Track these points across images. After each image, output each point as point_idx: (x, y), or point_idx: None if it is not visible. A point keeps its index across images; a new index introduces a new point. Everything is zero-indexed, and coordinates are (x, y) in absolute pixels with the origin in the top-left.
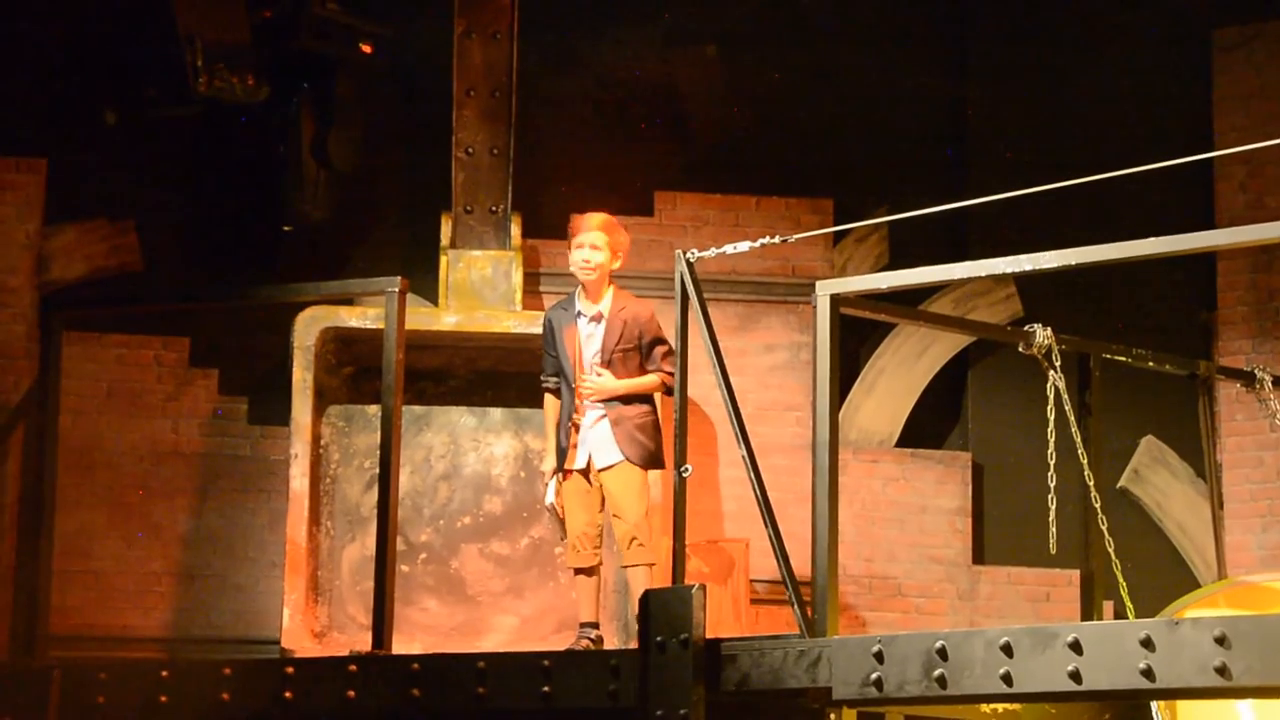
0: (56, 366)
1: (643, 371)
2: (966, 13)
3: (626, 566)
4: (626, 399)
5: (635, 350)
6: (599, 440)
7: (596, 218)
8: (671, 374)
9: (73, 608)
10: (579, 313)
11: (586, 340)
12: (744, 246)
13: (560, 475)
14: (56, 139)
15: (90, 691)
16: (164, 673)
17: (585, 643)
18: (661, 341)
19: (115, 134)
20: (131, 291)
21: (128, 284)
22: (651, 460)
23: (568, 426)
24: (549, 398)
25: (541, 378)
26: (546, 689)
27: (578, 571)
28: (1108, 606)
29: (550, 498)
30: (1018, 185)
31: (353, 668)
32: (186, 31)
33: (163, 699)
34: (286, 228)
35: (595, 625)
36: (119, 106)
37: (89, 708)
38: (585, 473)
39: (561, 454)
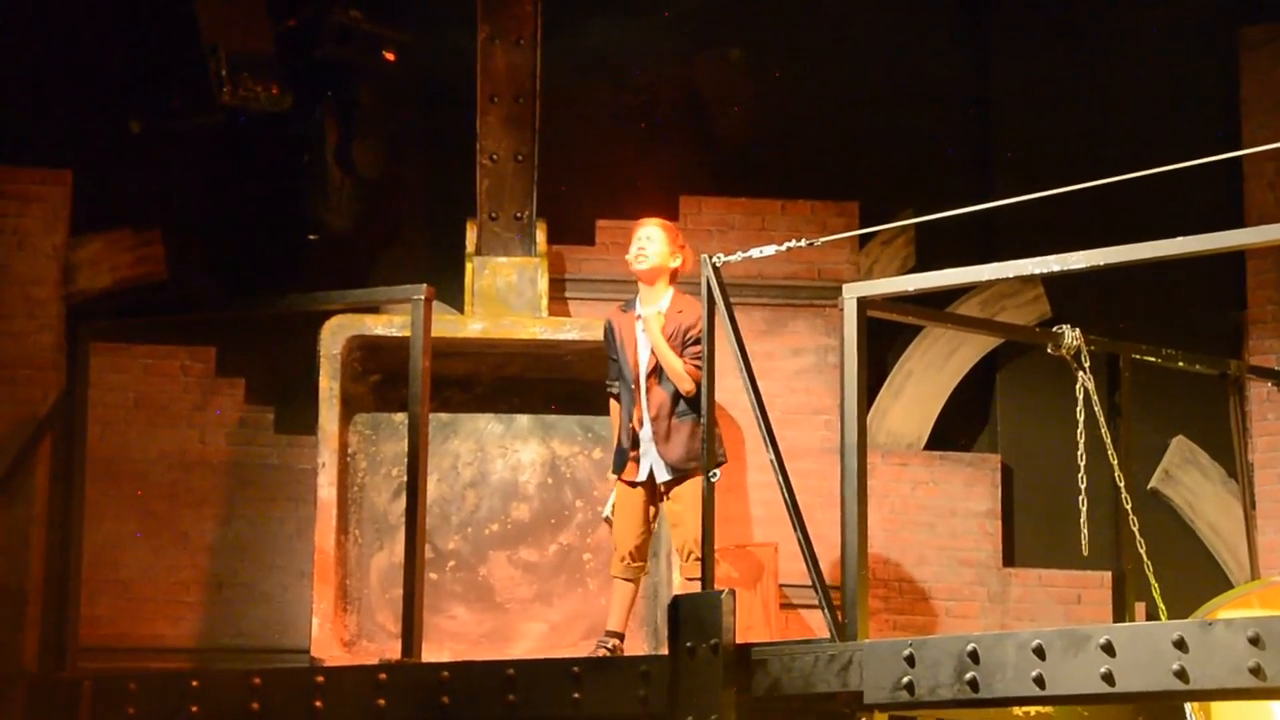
0: (84, 377)
1: None
2: (991, 13)
3: (688, 579)
4: (673, 406)
5: (679, 348)
6: (659, 454)
7: (656, 219)
8: (696, 368)
9: (102, 618)
10: (638, 314)
11: (643, 339)
12: (770, 250)
13: (618, 483)
14: (82, 150)
15: (120, 702)
16: (194, 682)
17: (603, 651)
18: (697, 342)
19: (140, 144)
20: (157, 301)
21: (154, 294)
22: (690, 456)
23: (628, 429)
24: (613, 403)
25: (606, 383)
26: (576, 696)
27: (618, 578)
28: (1140, 608)
29: (607, 510)
30: (1044, 186)
31: (382, 676)
32: (210, 41)
33: (193, 709)
34: (311, 236)
35: (619, 635)
36: (144, 117)
37: (119, 718)
38: (646, 485)
39: (622, 460)
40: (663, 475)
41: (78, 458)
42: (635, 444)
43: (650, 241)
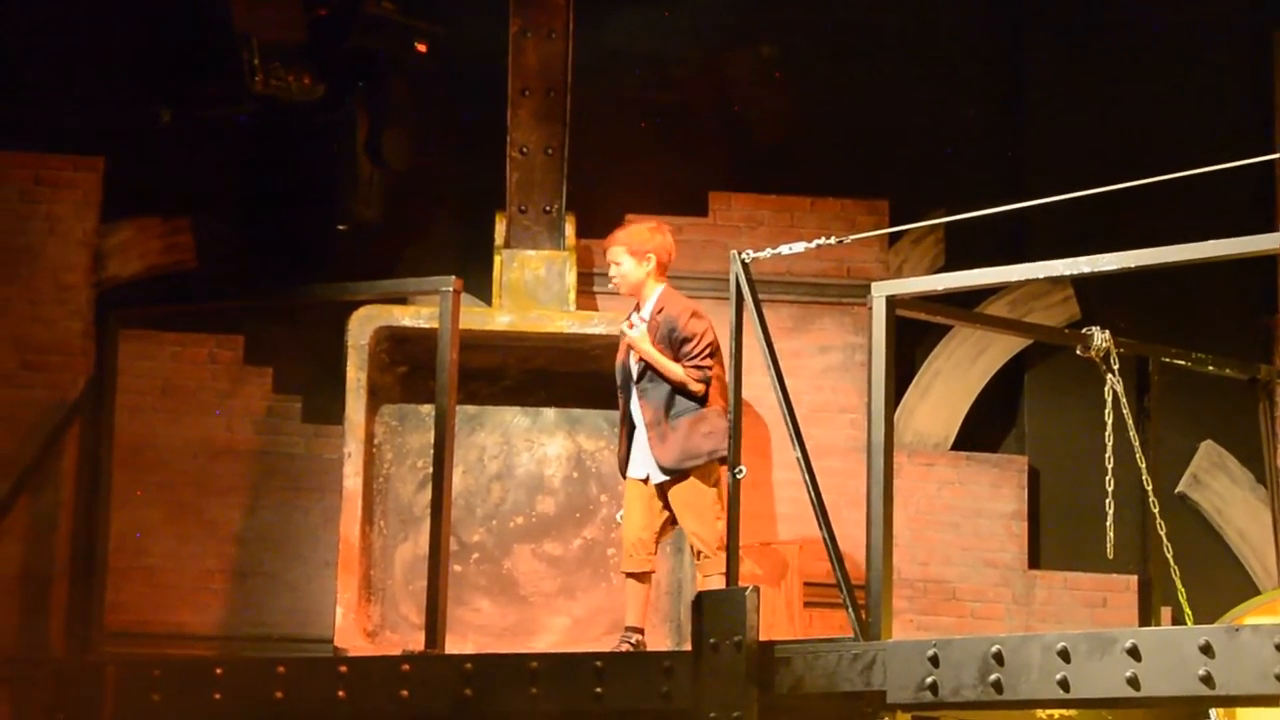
0: (113, 364)
1: None
2: (1023, 11)
3: (705, 576)
4: (668, 408)
5: (667, 349)
6: (655, 458)
7: (616, 234)
8: (696, 369)
9: (127, 604)
10: (631, 323)
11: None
12: (799, 247)
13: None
14: (113, 137)
15: (144, 688)
16: (218, 670)
17: (626, 646)
18: (688, 340)
19: (172, 132)
20: (187, 289)
21: (183, 282)
22: (686, 456)
23: (618, 433)
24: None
25: None
26: (599, 690)
27: (629, 575)
28: (1166, 613)
29: (620, 514)
30: (1075, 187)
31: (406, 667)
32: (243, 30)
33: (216, 696)
34: (341, 227)
35: (640, 630)
36: (176, 105)
37: (143, 704)
38: (646, 481)
39: (624, 461)
40: (657, 477)
41: (105, 444)
42: (630, 441)
43: (618, 265)
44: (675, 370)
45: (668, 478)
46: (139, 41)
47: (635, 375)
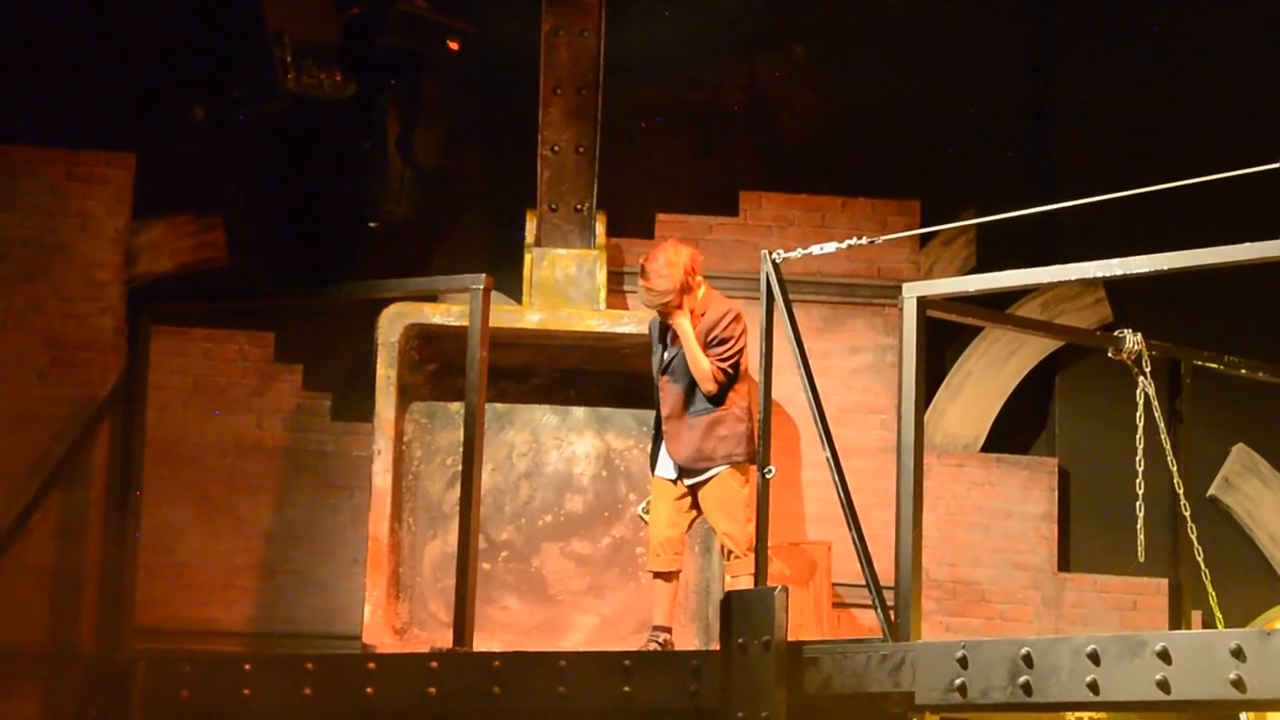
0: (144, 360)
1: None
2: (1056, 13)
3: (733, 576)
4: (687, 402)
5: (704, 348)
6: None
7: (655, 284)
8: (720, 370)
9: (157, 601)
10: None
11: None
12: (830, 247)
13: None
14: (146, 134)
15: (174, 684)
16: (247, 666)
17: (654, 645)
18: (724, 342)
19: (204, 130)
20: (218, 286)
21: (214, 279)
22: (699, 456)
23: (654, 431)
24: None
25: None
26: (627, 689)
27: (656, 575)
28: (1196, 616)
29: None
30: (1108, 188)
31: (434, 664)
32: (276, 28)
33: (246, 692)
34: (372, 224)
35: (667, 629)
36: (208, 102)
37: (173, 700)
38: (676, 481)
39: (654, 458)
40: (671, 474)
41: (136, 440)
42: (660, 439)
43: (680, 309)
44: (702, 362)
45: (678, 475)
46: (172, 39)
47: (663, 365)
